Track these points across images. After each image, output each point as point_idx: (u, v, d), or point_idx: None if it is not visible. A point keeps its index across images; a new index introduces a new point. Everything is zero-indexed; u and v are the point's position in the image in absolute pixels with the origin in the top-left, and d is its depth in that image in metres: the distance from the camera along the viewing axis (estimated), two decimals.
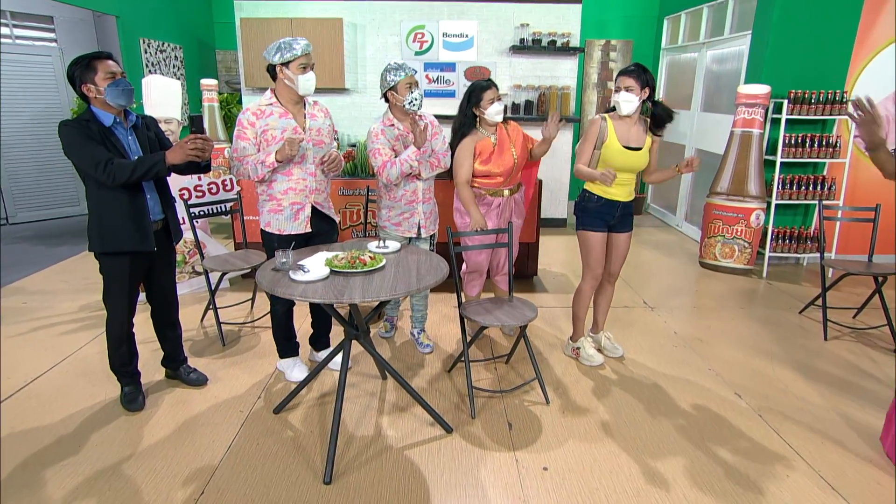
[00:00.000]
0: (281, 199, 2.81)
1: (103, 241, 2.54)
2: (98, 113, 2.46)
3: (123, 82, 2.44)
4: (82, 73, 2.40)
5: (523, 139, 3.32)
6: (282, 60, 2.66)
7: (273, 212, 2.83)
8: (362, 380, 3.12)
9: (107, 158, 2.38)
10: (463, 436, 2.62)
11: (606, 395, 3.00)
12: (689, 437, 2.63)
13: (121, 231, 2.54)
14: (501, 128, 3.25)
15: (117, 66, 2.46)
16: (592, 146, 3.03)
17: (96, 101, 2.45)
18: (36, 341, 3.58)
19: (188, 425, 2.68)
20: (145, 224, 2.58)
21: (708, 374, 3.23)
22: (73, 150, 2.41)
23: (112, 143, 2.47)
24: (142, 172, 2.44)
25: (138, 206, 2.56)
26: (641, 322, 3.97)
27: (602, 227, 3.15)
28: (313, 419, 2.74)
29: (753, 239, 4.88)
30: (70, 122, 2.41)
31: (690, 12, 6.44)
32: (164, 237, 2.75)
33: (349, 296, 2.14)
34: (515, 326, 3.02)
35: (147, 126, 2.68)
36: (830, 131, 4.90)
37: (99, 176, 2.39)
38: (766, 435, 2.66)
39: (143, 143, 2.61)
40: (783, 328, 3.88)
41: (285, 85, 2.73)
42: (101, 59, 2.42)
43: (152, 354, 3.25)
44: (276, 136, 2.73)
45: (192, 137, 2.46)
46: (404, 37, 6.15)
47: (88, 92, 2.42)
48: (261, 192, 2.85)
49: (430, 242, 3.38)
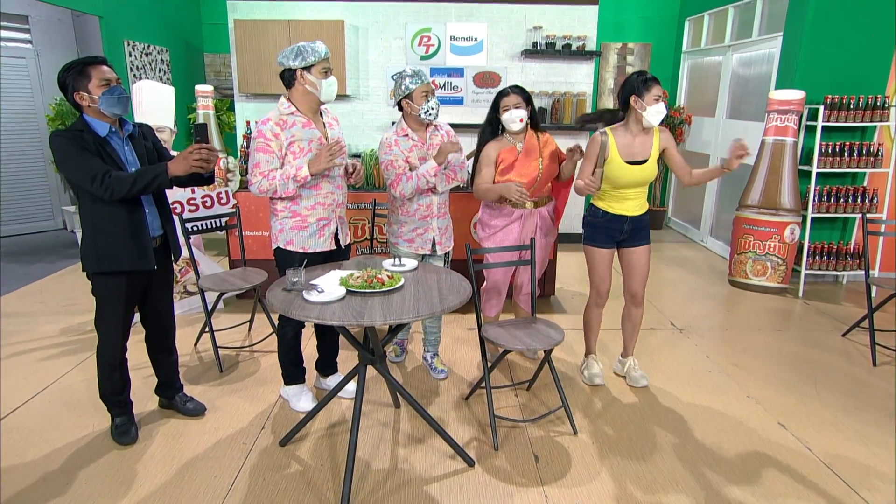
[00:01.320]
0: (307, 216, 2.82)
1: (99, 259, 2.54)
2: (92, 122, 2.46)
3: (119, 89, 2.44)
4: (75, 79, 2.41)
5: (556, 152, 3.35)
6: (303, 64, 2.67)
7: (297, 228, 2.83)
8: (374, 408, 3.11)
9: (104, 171, 2.38)
10: (486, 469, 2.61)
11: (638, 425, 2.99)
12: (731, 471, 2.62)
13: (118, 249, 2.53)
14: (531, 136, 3.27)
15: (112, 73, 2.47)
16: (592, 165, 3.10)
17: (90, 110, 2.45)
18: (14, 368, 3.56)
19: (187, 461, 2.66)
20: (144, 241, 2.58)
21: (747, 403, 3.23)
22: (66, 163, 2.41)
23: (108, 153, 2.47)
24: (142, 185, 2.43)
25: (137, 222, 2.56)
26: (671, 345, 3.97)
27: (608, 244, 3.20)
28: (323, 451, 2.73)
29: (788, 255, 4.90)
30: (62, 133, 2.41)
31: (714, 13, 6.55)
32: (162, 255, 2.75)
33: (370, 318, 2.15)
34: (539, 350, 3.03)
35: (144, 135, 2.69)
36: (871, 139, 4.96)
37: (95, 190, 2.39)
38: (816, 470, 2.65)
39: (140, 153, 2.62)
40: (826, 352, 3.89)
41: (305, 91, 2.74)
42: (95, 65, 2.43)
43: (144, 382, 3.24)
44: (304, 148, 2.74)
45: (196, 147, 2.46)
46: (409, 40, 6.23)
47: (81, 100, 2.43)
48: (281, 209, 2.83)
49: (444, 260, 3.40)
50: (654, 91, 2.93)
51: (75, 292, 4.90)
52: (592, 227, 3.22)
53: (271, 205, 2.88)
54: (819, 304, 4.78)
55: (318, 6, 6.07)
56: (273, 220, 2.88)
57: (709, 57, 6.73)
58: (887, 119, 4.80)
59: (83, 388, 3.30)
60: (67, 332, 4.09)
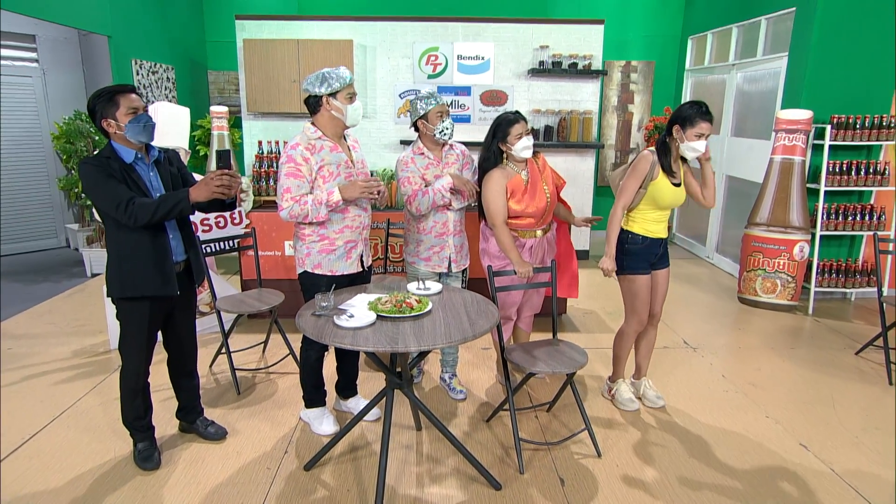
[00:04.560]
0: (335, 239, 2.85)
1: (123, 285, 2.56)
2: (119, 149, 2.50)
3: (145, 117, 2.48)
4: (104, 107, 2.44)
5: (552, 175, 3.37)
6: (329, 91, 2.72)
7: (325, 252, 2.86)
8: (396, 431, 3.11)
9: (128, 198, 2.41)
10: (513, 493, 2.62)
11: (661, 446, 3.01)
12: (757, 493, 2.64)
13: (142, 274, 2.55)
14: (532, 163, 3.27)
15: (140, 101, 2.50)
16: (639, 184, 3.07)
17: (116, 137, 2.49)
18: (28, 392, 3.54)
19: (212, 487, 2.66)
20: (168, 267, 2.60)
21: (767, 423, 3.26)
22: (93, 189, 2.44)
23: (133, 180, 2.50)
24: (165, 212, 2.46)
25: (161, 248, 2.58)
26: (685, 364, 4.00)
27: (647, 269, 3.21)
28: (348, 475, 2.73)
29: (797, 272, 4.96)
30: (91, 160, 2.45)
31: (717, 32, 6.66)
32: (185, 280, 2.77)
33: (404, 344, 2.17)
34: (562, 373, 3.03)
35: (170, 160, 2.73)
36: (877, 157, 5.05)
37: (120, 216, 2.42)
38: (842, 492, 2.67)
39: (166, 178, 2.65)
40: (841, 371, 3.93)
41: (332, 116, 2.78)
42: (124, 94, 2.46)
43: (163, 405, 3.24)
44: (333, 172, 2.78)
45: (218, 173, 2.48)
46: (417, 59, 6.30)
47: (108, 127, 2.46)
48: (309, 233, 2.85)
49: (461, 279, 3.42)
50: (699, 127, 2.93)
51: (84, 313, 4.89)
52: (634, 254, 3.16)
53: (297, 228, 2.90)
54: (830, 322, 4.83)
55: (326, 25, 6.14)
56: (299, 244, 2.90)
57: (712, 75, 6.83)
58: (893, 138, 4.88)
59: (101, 411, 3.29)
60: (80, 354, 4.08)
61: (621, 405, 3.38)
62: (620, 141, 7.71)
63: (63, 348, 4.18)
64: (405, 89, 6.36)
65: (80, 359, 4.01)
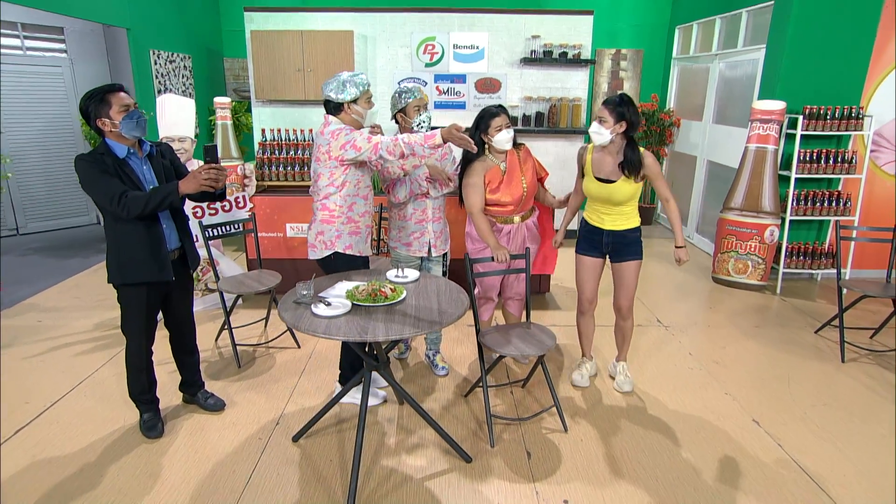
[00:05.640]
0: (359, 222, 2.88)
1: (122, 272, 2.56)
2: (112, 145, 2.48)
3: (137, 113, 2.45)
4: (97, 107, 2.42)
5: (534, 166, 3.30)
6: (351, 98, 2.72)
7: (353, 234, 2.88)
8: (379, 404, 3.13)
9: (121, 192, 2.40)
10: (482, 465, 2.63)
11: (625, 422, 3.00)
12: (708, 469, 2.63)
13: (139, 262, 2.55)
14: (513, 154, 3.19)
15: (130, 98, 2.48)
16: (580, 173, 3.14)
17: (111, 134, 2.46)
18: (53, 363, 3.60)
19: (208, 455, 2.70)
20: (163, 254, 2.60)
21: (725, 400, 3.23)
22: (89, 184, 2.43)
23: (126, 174, 2.48)
24: (155, 204, 2.45)
25: (155, 237, 2.58)
26: (657, 343, 3.97)
27: (591, 253, 3.18)
28: (332, 447, 2.76)
29: (767, 255, 4.87)
30: (85, 157, 2.43)
31: (702, 23, 6.43)
32: (180, 266, 2.77)
33: (373, 334, 2.15)
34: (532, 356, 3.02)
35: (162, 154, 2.69)
36: (846, 147, 4.90)
37: (114, 209, 2.41)
38: (786, 467, 2.66)
39: (159, 171, 2.62)
40: (799, 348, 3.88)
41: (352, 119, 2.78)
42: (114, 93, 2.44)
43: (170, 377, 3.27)
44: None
45: (205, 168, 2.47)
46: (414, 48, 6.16)
47: (103, 126, 2.44)
48: (339, 215, 2.82)
49: (442, 262, 3.39)
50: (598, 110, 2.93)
51: (106, 287, 4.91)
52: (580, 235, 3.23)
53: (322, 211, 2.84)
54: (795, 301, 4.76)
55: (329, 17, 6.00)
56: (326, 227, 2.84)
57: (697, 64, 6.62)
58: (862, 128, 4.73)
59: (114, 382, 3.34)
60: (100, 327, 4.12)
61: (571, 381, 3.38)
62: None
63: (85, 321, 4.23)
64: (404, 77, 6.24)
65: (100, 331, 4.05)
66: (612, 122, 2.88)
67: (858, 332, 4.05)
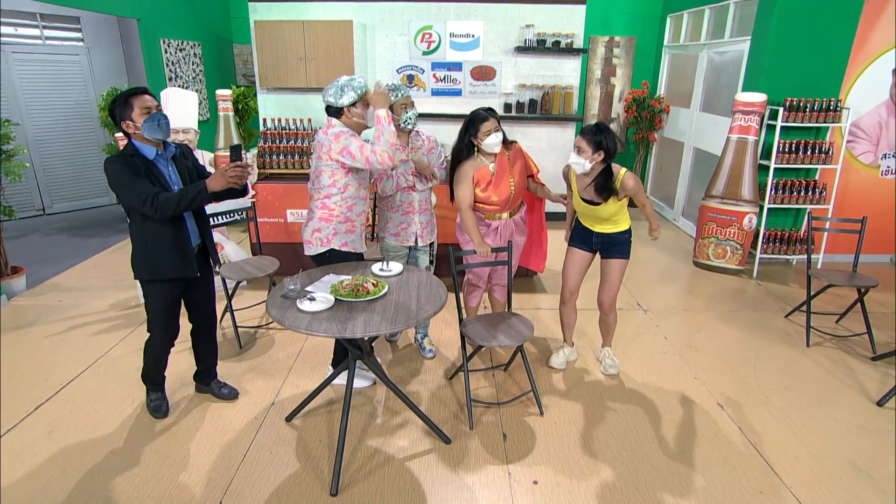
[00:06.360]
0: (355, 221, 2.89)
1: (150, 269, 2.55)
2: (140, 147, 2.45)
3: (158, 115, 2.40)
4: (121, 110, 2.39)
5: (523, 166, 3.24)
6: (350, 102, 2.70)
7: (349, 233, 2.89)
8: (369, 387, 3.17)
9: (154, 193, 2.37)
10: (460, 447, 2.68)
11: (598, 406, 3.02)
12: (671, 451, 2.66)
13: (167, 260, 2.54)
14: (502, 155, 3.14)
15: (153, 101, 2.43)
16: (568, 189, 3.15)
17: (136, 136, 2.43)
18: (71, 342, 3.66)
19: (207, 433, 2.76)
20: (188, 252, 2.59)
21: (694, 384, 3.25)
22: (120, 185, 2.40)
23: (155, 175, 2.45)
24: (186, 203, 2.42)
25: (182, 235, 2.56)
26: (635, 326, 3.97)
27: (581, 246, 3.18)
28: (322, 427, 2.81)
29: (745, 241, 4.82)
30: (115, 159, 2.39)
31: (693, 12, 6.22)
32: (202, 261, 2.76)
33: (351, 330, 2.17)
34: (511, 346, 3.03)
35: (184, 155, 2.66)
36: (824, 138, 4.78)
37: (146, 210, 2.39)
38: (743, 449, 2.68)
39: (182, 172, 2.59)
40: (769, 332, 3.87)
41: (354, 122, 2.76)
42: (136, 96, 2.39)
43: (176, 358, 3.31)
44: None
45: (231, 165, 2.43)
46: (412, 37, 6.03)
47: (128, 128, 2.41)
48: (338, 214, 2.82)
49: (429, 252, 3.39)
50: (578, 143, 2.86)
51: (123, 268, 4.97)
52: (573, 230, 3.24)
53: (321, 210, 2.83)
54: (770, 286, 4.72)
55: (329, 7, 5.87)
56: (324, 225, 2.83)
57: (686, 52, 6.44)
58: (839, 121, 4.61)
59: (126, 362, 3.39)
60: (115, 307, 4.18)
61: (549, 363, 3.40)
62: (603, 111, 7.40)
63: (102, 301, 4.28)
64: (402, 65, 6.13)
65: (115, 311, 4.11)
66: (591, 151, 2.83)
67: (825, 318, 4.03)
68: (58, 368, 3.34)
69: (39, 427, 2.79)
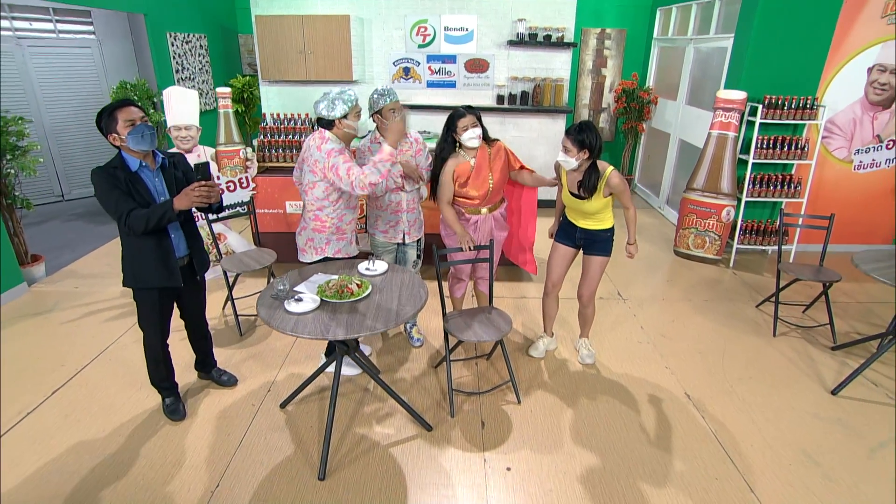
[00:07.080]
0: (346, 229, 2.90)
1: (135, 278, 2.54)
2: (126, 158, 2.39)
3: (142, 127, 2.33)
4: (107, 124, 2.33)
5: (505, 162, 3.21)
6: (342, 114, 2.68)
7: (341, 240, 2.91)
8: (359, 376, 3.21)
9: (127, 210, 2.32)
10: (441, 434, 2.73)
11: (574, 395, 3.05)
12: (640, 439, 2.70)
13: (150, 270, 2.51)
14: (483, 151, 3.11)
15: (137, 112, 2.35)
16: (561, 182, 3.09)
17: (124, 148, 2.38)
18: (85, 329, 3.70)
19: (207, 418, 2.81)
20: (171, 263, 2.54)
21: (664, 373, 3.27)
22: (101, 198, 2.36)
23: (137, 189, 2.39)
24: (155, 221, 2.36)
25: (165, 247, 2.52)
26: (613, 316, 3.97)
27: (565, 241, 3.17)
28: (313, 414, 2.86)
29: (723, 232, 4.79)
30: (99, 171, 2.35)
31: (681, 7, 6.05)
32: (189, 271, 2.71)
33: (333, 333, 2.19)
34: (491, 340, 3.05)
35: (175, 164, 2.58)
36: (801, 134, 4.70)
37: (120, 227, 2.38)
38: (704, 437, 2.72)
39: (171, 183, 2.52)
40: (739, 322, 3.88)
41: (345, 133, 2.74)
42: (121, 108, 2.33)
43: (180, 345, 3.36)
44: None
45: (196, 185, 2.37)
46: (408, 30, 5.91)
47: (114, 140, 2.35)
48: (330, 225, 2.84)
49: (416, 247, 3.39)
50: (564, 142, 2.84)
51: None
52: (559, 225, 3.24)
53: (314, 221, 2.83)
54: (745, 275, 4.71)
55: (327, 1, 5.76)
56: (317, 235, 2.85)
57: (674, 46, 6.29)
58: (816, 118, 4.52)
59: (136, 349, 3.42)
60: (126, 294, 4.19)
61: (528, 352, 3.43)
62: (593, 101, 7.28)
63: (114, 288, 4.32)
64: (398, 58, 6.02)
65: (125, 298, 4.14)
66: (576, 150, 2.82)
67: (793, 308, 4.03)
68: (73, 354, 3.39)
69: (56, 412, 2.86)
